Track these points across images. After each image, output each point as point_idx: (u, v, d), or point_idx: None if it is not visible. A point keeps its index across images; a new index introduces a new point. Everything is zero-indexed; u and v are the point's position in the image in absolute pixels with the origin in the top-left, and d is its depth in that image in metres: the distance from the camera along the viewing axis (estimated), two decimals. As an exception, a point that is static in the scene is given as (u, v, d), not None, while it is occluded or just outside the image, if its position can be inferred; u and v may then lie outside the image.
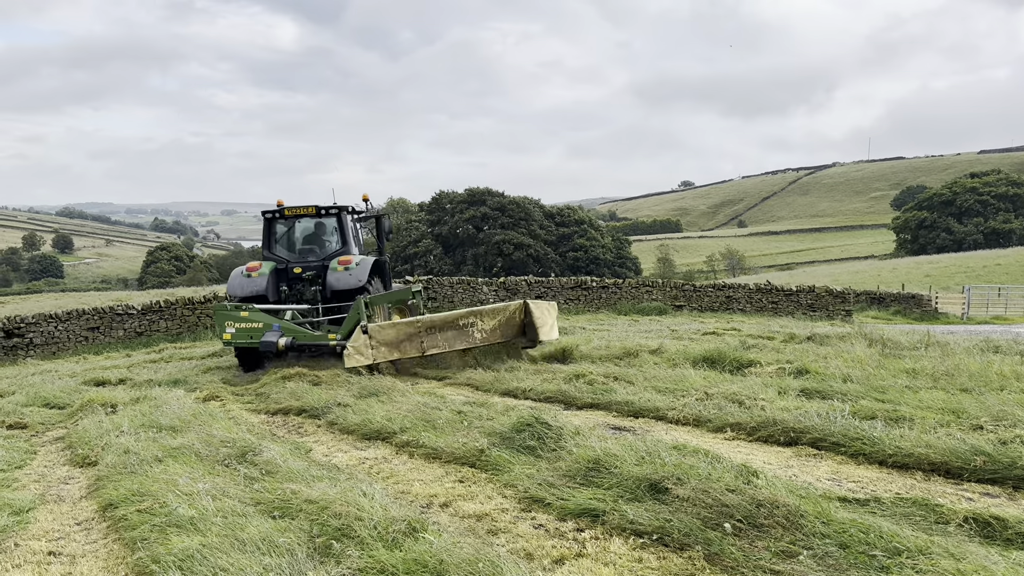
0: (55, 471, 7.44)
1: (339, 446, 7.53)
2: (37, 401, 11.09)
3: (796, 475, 5.57)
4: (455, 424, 7.27)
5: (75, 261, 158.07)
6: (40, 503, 6.22)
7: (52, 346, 20.86)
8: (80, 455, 7.70)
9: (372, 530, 4.29)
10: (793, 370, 8.98)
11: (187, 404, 9.25)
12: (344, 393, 9.40)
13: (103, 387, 11.98)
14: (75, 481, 6.97)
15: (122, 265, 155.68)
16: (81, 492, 6.55)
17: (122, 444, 7.26)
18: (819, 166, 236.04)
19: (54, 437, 9.19)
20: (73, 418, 9.74)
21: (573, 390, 8.91)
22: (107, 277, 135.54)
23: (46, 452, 8.41)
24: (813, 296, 28.55)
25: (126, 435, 7.67)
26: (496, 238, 62.52)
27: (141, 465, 6.45)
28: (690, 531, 4.30)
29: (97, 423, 8.71)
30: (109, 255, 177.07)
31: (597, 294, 27.39)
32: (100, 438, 7.88)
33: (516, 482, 5.58)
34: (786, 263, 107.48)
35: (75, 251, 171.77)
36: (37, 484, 6.91)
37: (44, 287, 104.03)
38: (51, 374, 15.50)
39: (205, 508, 4.98)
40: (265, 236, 14.22)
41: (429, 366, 11.97)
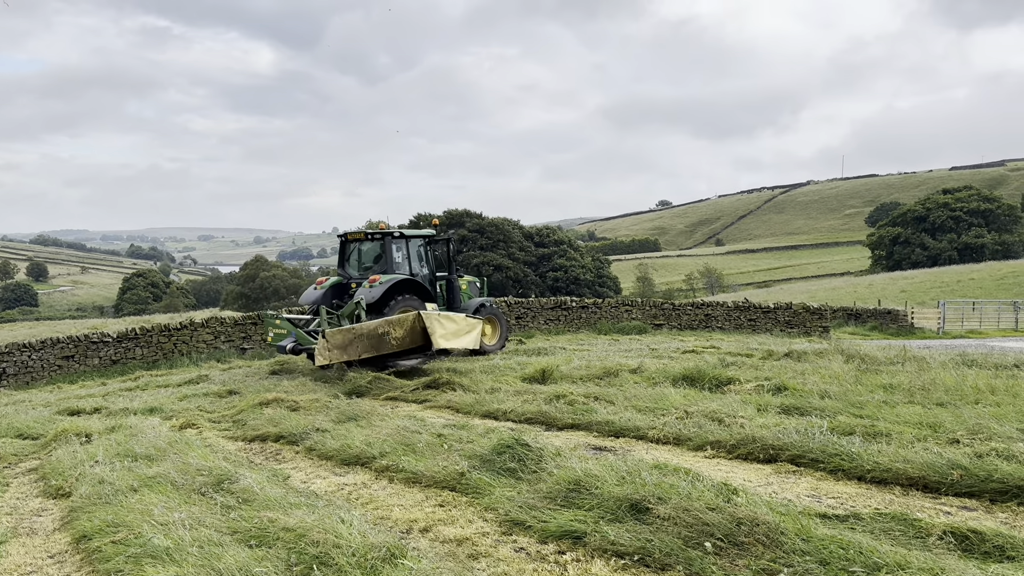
0: (28, 503, 7.29)
1: (318, 472, 7.45)
2: (10, 432, 10.89)
3: (776, 492, 5.58)
4: (435, 447, 7.22)
5: (50, 289, 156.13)
6: (12, 536, 6.10)
7: (26, 375, 20.54)
8: (54, 486, 7.56)
9: (351, 557, 4.24)
10: (772, 387, 9.02)
11: (163, 432, 9.12)
12: (323, 418, 9.32)
13: (78, 416, 11.78)
14: (48, 513, 6.84)
15: (98, 292, 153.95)
16: (54, 524, 6.43)
17: (97, 474, 7.14)
18: (794, 184, 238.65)
19: (27, 468, 9.02)
20: (47, 448, 9.57)
21: (554, 411, 8.90)
22: (83, 305, 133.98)
23: (19, 484, 8.25)
24: (790, 313, 28.76)
25: (101, 465, 7.55)
26: (475, 260, 62.49)
27: (116, 495, 6.34)
28: (671, 551, 4.29)
29: (71, 453, 8.57)
30: (84, 282, 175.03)
31: (577, 314, 27.43)
32: (74, 468, 7.75)
33: (497, 505, 5.54)
34: (763, 280, 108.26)
35: (50, 279, 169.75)
36: (9, 517, 6.78)
37: (18, 316, 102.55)
38: (24, 404, 15.24)
39: (181, 538, 4.90)
40: (339, 255, 16.64)
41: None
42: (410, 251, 16.06)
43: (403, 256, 15.92)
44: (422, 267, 16.41)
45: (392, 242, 15.70)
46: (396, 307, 14.71)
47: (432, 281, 16.53)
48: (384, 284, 14.82)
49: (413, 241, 16.26)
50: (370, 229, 16.32)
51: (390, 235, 15.65)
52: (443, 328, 12.68)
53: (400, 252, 15.90)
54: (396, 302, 14.82)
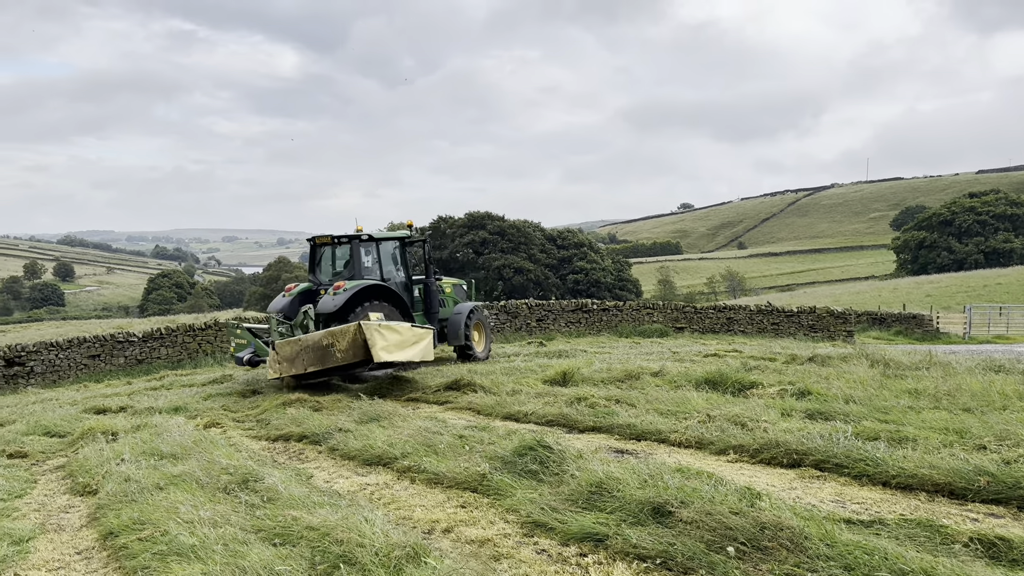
0: (55, 500, 7.40)
1: (340, 472, 7.49)
2: (38, 430, 11.06)
3: (800, 497, 5.54)
4: (457, 449, 7.23)
5: (76, 289, 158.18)
6: (40, 532, 6.20)
7: (53, 374, 20.83)
8: (81, 484, 7.67)
9: (374, 556, 4.26)
10: (795, 391, 8.95)
11: (188, 431, 9.22)
12: (345, 419, 9.38)
13: (104, 415, 11.93)
14: (75, 510, 6.94)
15: (123, 292, 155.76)
16: (81, 521, 6.52)
17: (123, 472, 7.23)
18: (818, 187, 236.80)
19: (55, 466, 9.16)
20: (74, 446, 9.70)
21: (575, 413, 8.88)
22: (108, 305, 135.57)
23: (46, 481, 8.38)
24: (814, 317, 28.53)
25: (127, 463, 7.65)
26: (496, 262, 62.55)
27: (142, 493, 6.43)
28: (694, 555, 4.27)
29: (98, 451, 8.68)
30: (110, 283, 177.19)
31: (598, 316, 27.39)
32: (101, 466, 7.86)
33: (518, 507, 5.55)
34: (787, 284, 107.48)
35: (76, 279, 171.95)
36: (37, 513, 6.88)
37: (45, 315, 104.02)
38: (52, 402, 15.46)
39: (206, 536, 4.95)
40: (310, 260, 15.76)
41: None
42: (381, 255, 15.21)
43: (373, 260, 15.07)
44: (398, 271, 15.61)
45: (361, 246, 14.87)
46: (361, 315, 13.83)
47: (408, 286, 15.67)
48: (348, 291, 13.99)
49: (386, 244, 15.42)
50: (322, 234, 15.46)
51: (358, 238, 14.81)
52: (384, 339, 11.72)
53: (370, 256, 15.05)
54: (363, 308, 14.00)
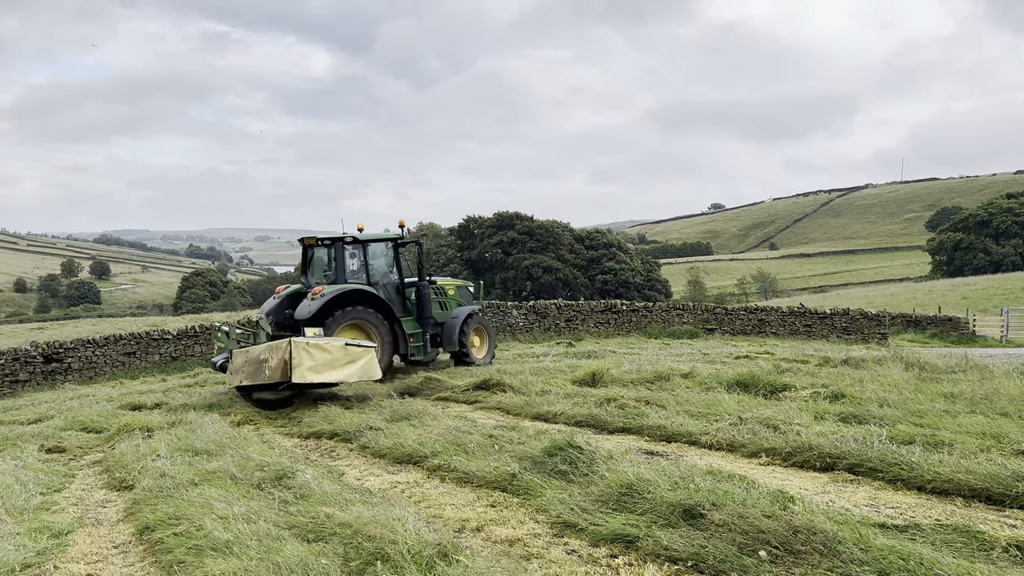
0: (93, 494, 7.55)
1: (371, 470, 7.55)
2: (75, 425, 11.29)
3: (833, 501, 5.48)
4: (486, 448, 7.26)
5: (112, 287, 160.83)
6: (78, 526, 6.32)
7: (89, 371, 21.21)
8: (117, 479, 7.82)
9: (406, 554, 4.29)
10: (828, 394, 8.86)
11: (222, 428, 9.35)
12: (376, 417, 9.45)
13: (139, 411, 12.15)
14: (112, 504, 7.07)
15: (158, 291, 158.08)
16: (118, 515, 6.64)
17: (158, 468, 7.36)
18: (851, 188, 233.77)
19: (92, 461, 9.34)
20: (110, 442, 9.89)
21: (604, 414, 8.86)
22: (143, 303, 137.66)
23: (84, 476, 8.55)
24: (848, 319, 28.19)
25: (162, 459, 7.78)
26: (525, 262, 62.51)
27: (177, 489, 6.53)
28: (726, 558, 4.25)
29: (134, 447, 8.85)
30: (145, 281, 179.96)
31: (627, 317, 27.29)
32: (137, 462, 8.00)
33: (548, 507, 5.55)
34: (819, 286, 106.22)
35: (112, 277, 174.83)
36: (75, 507, 7.03)
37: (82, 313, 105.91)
38: (89, 399, 15.77)
39: (240, 531, 5.02)
40: (302, 263, 15.13)
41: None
42: (368, 257, 14.59)
43: (359, 263, 14.46)
44: (391, 273, 15.04)
45: (344, 248, 14.26)
46: (338, 321, 13.37)
47: (401, 289, 15.02)
48: (325, 296, 13.43)
49: (374, 246, 14.78)
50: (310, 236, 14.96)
51: (341, 240, 14.24)
52: (312, 359, 10.92)
53: (356, 259, 14.46)
54: (343, 313, 13.48)
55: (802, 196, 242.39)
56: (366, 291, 13.92)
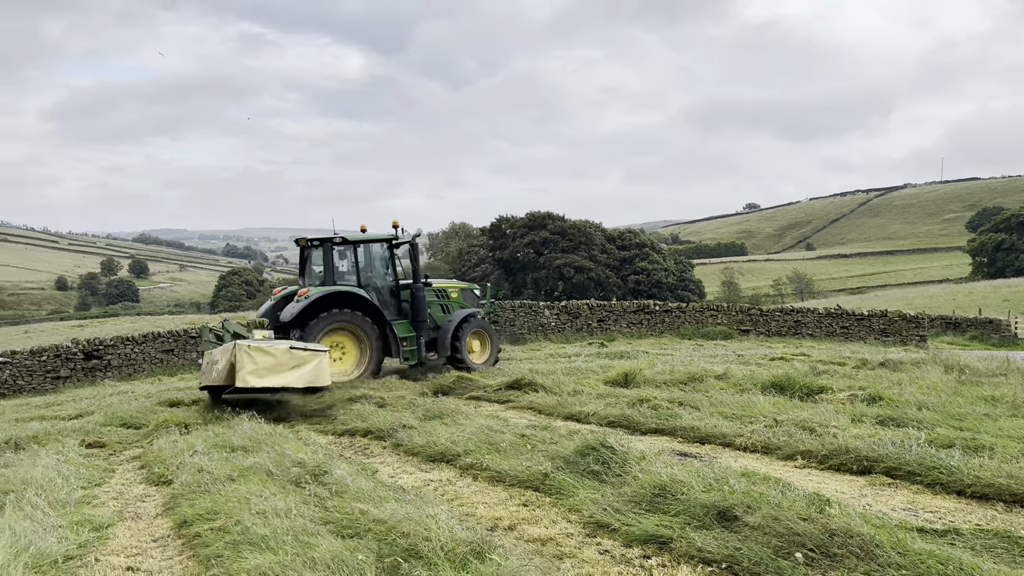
0: (132, 489, 7.69)
1: (404, 467, 7.60)
2: (115, 421, 11.50)
3: (870, 504, 5.41)
4: (518, 447, 7.27)
5: (150, 285, 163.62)
6: (118, 520, 6.45)
7: (129, 368, 21.60)
8: (156, 474, 7.95)
9: (440, 551, 4.32)
10: (866, 397, 8.74)
11: (258, 425, 9.47)
12: (409, 415, 9.51)
13: (177, 408, 12.34)
14: (151, 499, 7.20)
15: (195, 289, 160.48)
16: (157, 510, 6.76)
17: (196, 463, 7.48)
18: (890, 187, 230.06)
19: (131, 456, 9.52)
20: (149, 438, 10.07)
21: (637, 415, 8.83)
22: (181, 301, 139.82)
23: (123, 470, 8.71)
24: (885, 321, 27.75)
25: (200, 455, 7.90)
26: (557, 262, 62.46)
27: (214, 484, 6.63)
28: (760, 560, 4.22)
29: (172, 443, 9.00)
30: (183, 280, 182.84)
31: (660, 318, 27.14)
32: (175, 457, 8.13)
33: (581, 507, 5.55)
34: (857, 287, 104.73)
35: (150, 276, 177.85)
36: (115, 501, 7.16)
37: (121, 311, 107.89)
38: (128, 395, 16.05)
39: (277, 527, 5.09)
40: (300, 264, 14.88)
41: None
42: (359, 258, 14.21)
43: (350, 264, 14.16)
44: (386, 275, 14.66)
45: (333, 249, 13.96)
46: (321, 324, 13.11)
47: (396, 291, 14.63)
48: (309, 298, 13.18)
49: (365, 247, 14.41)
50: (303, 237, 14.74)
51: (330, 242, 13.96)
52: (254, 363, 10.58)
53: (346, 260, 14.19)
54: (327, 316, 13.20)
55: (839, 196, 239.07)
56: (353, 293, 13.59)
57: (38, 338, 50.18)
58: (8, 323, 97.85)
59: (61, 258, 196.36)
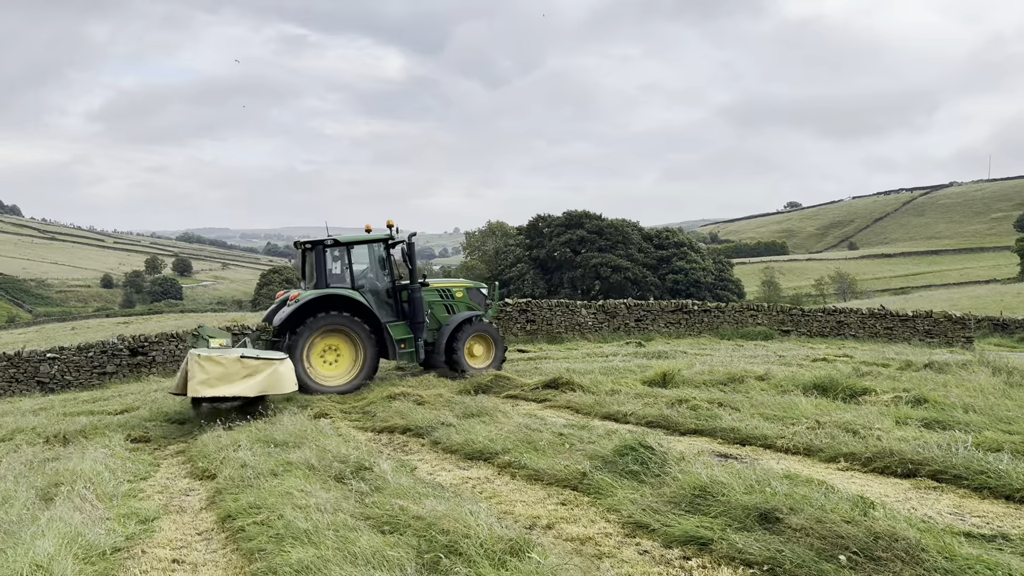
0: (177, 483, 7.84)
1: (443, 465, 7.65)
2: (160, 416, 11.74)
3: (915, 508, 5.32)
4: (556, 446, 7.27)
5: (193, 283, 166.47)
6: (164, 513, 6.58)
7: (173, 364, 21.96)
8: (200, 468, 8.10)
9: (479, 548, 4.34)
10: (910, 399, 8.59)
11: (299, 421, 9.58)
12: (448, 413, 9.55)
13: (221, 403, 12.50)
14: (195, 493, 7.33)
15: (237, 287, 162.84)
16: (201, 503, 6.89)
17: (239, 458, 7.60)
18: (935, 186, 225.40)
19: (175, 450, 9.70)
20: (193, 432, 10.24)
21: (676, 415, 8.77)
22: (223, 299, 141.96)
23: (168, 465, 8.89)
24: (930, 322, 27.19)
25: (243, 450, 8.02)
26: (593, 261, 62.25)
27: (257, 479, 6.73)
28: (803, 562, 4.17)
29: (215, 437, 9.15)
30: (225, 278, 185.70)
31: (699, 318, 26.89)
32: (218, 452, 8.27)
33: (619, 507, 5.53)
34: (901, 287, 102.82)
35: (193, 274, 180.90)
36: (160, 495, 7.31)
37: (165, 308, 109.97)
38: (172, 391, 16.32)
39: (319, 521, 5.16)
40: (300, 266, 14.66)
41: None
42: (352, 260, 13.99)
43: (343, 266, 13.89)
44: (384, 276, 14.41)
45: (325, 251, 13.69)
46: (311, 327, 12.96)
47: (393, 292, 14.32)
48: (299, 302, 13.09)
49: (360, 248, 14.19)
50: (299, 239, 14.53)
51: (321, 244, 13.68)
52: (204, 372, 10.55)
53: (339, 262, 13.91)
54: (317, 319, 13.03)
55: (883, 195, 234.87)
56: (345, 295, 13.40)
57: (85, 334, 51.38)
58: (56, 320, 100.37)
59: (107, 256, 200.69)
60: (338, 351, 13.45)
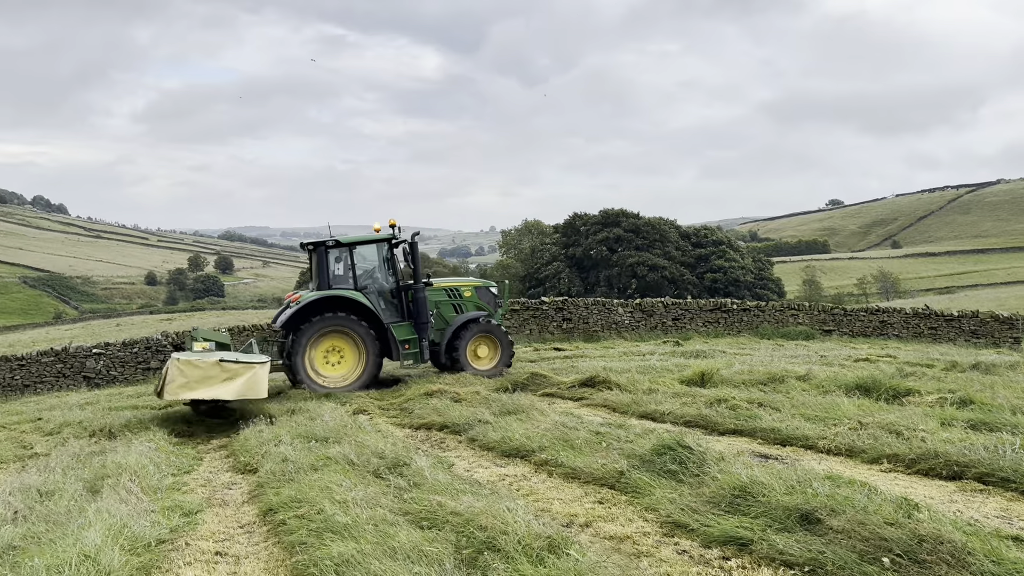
0: (219, 477, 7.98)
1: (480, 462, 7.67)
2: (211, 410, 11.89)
3: (961, 511, 5.22)
4: (593, 445, 7.25)
5: (235, 281, 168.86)
6: (207, 506, 6.70)
7: (215, 360, 22.30)
8: (242, 462, 8.23)
9: (516, 545, 4.35)
10: (956, 400, 8.42)
11: (339, 416, 9.68)
12: (484, 411, 9.57)
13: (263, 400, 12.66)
14: (237, 487, 7.45)
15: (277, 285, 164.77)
16: (243, 497, 7.00)
17: (280, 453, 7.70)
18: (982, 183, 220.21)
19: (218, 445, 9.87)
20: (235, 427, 10.41)
21: (715, 415, 8.70)
22: (263, 296, 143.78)
23: (211, 459, 9.05)
24: (977, 322, 26.60)
25: (284, 444, 8.13)
26: (630, 260, 61.87)
27: (298, 473, 6.82)
28: (845, 564, 4.11)
29: (257, 432, 9.28)
30: (266, 275, 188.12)
31: (738, 317, 26.62)
32: (260, 447, 8.40)
33: (657, 506, 5.51)
34: (946, 287, 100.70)
35: (235, 272, 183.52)
36: (204, 488, 7.45)
37: (207, 305, 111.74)
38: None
39: (358, 516, 5.21)
40: (309, 267, 14.70)
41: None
42: (355, 261, 13.96)
43: (345, 267, 13.93)
44: (388, 277, 14.27)
45: (327, 252, 13.72)
46: (313, 328, 13.09)
47: (397, 292, 14.18)
48: (300, 303, 13.25)
49: (362, 249, 14.16)
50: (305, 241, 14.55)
51: (323, 245, 13.71)
52: (183, 376, 10.64)
53: (341, 263, 13.96)
54: (319, 320, 13.15)
55: (927, 192, 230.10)
56: (346, 296, 13.42)
57: (129, 331, 52.41)
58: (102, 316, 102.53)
59: (151, 254, 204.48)
60: (341, 352, 13.49)
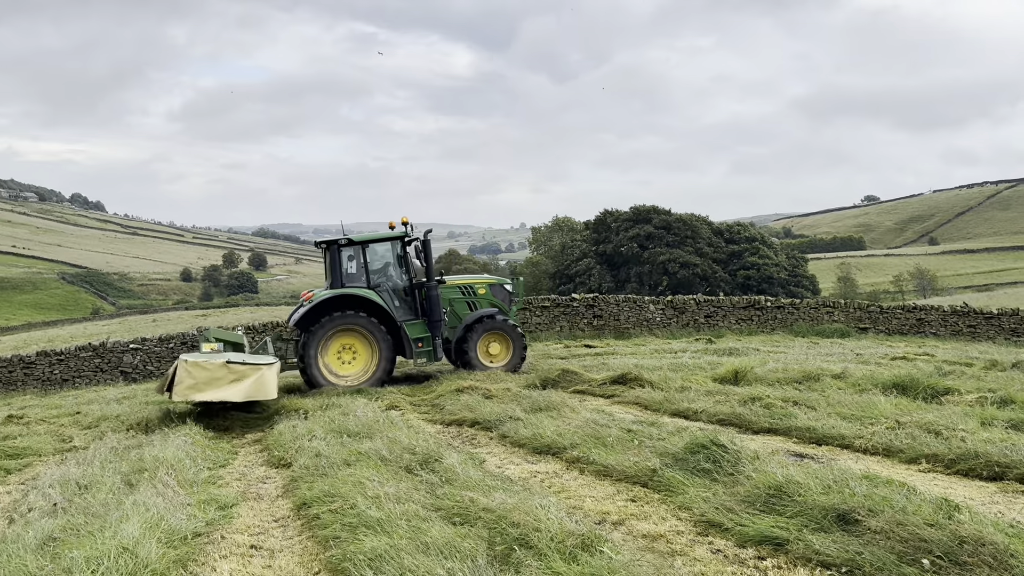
0: (254, 471, 8.06)
1: (511, 459, 7.67)
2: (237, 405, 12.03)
3: (1003, 512, 5.11)
4: (625, 442, 7.21)
5: (268, 277, 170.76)
6: (242, 500, 6.77)
7: (249, 355, 22.57)
8: (276, 457, 8.31)
9: (549, 541, 4.34)
10: (996, 400, 8.26)
11: (371, 412, 9.73)
12: (515, 407, 9.56)
13: (294, 394, 12.80)
14: (272, 481, 7.52)
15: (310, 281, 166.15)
16: (277, 491, 7.06)
17: (314, 448, 7.76)
18: (1021, 179, 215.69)
19: (252, 439, 9.98)
20: (269, 422, 10.51)
21: (749, 413, 8.61)
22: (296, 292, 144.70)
23: (245, 453, 9.14)
24: (1017, 320, 26.05)
25: (317, 439, 8.20)
26: (661, 257, 61.50)
27: (331, 468, 6.87)
28: (883, 565, 4.04)
29: (291, 427, 9.37)
30: (298, 272, 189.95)
31: (772, 314, 26.33)
32: (294, 442, 8.47)
33: (691, 504, 5.46)
34: (984, 284, 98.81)
35: (268, 268, 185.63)
36: (239, 482, 7.53)
37: (241, 301, 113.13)
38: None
39: (391, 511, 5.23)
40: (324, 266, 14.64)
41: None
42: (368, 259, 13.97)
43: (359, 265, 13.89)
44: (401, 275, 14.24)
45: (340, 251, 13.76)
46: (325, 327, 13.14)
47: (410, 290, 14.12)
48: (313, 302, 13.35)
49: (375, 247, 14.17)
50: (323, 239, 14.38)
51: (336, 243, 13.77)
52: (192, 377, 10.70)
53: (354, 261, 13.93)
54: (331, 319, 13.18)
55: (965, 188, 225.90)
56: (358, 295, 13.43)
57: (165, 326, 53.23)
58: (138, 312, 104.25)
59: (186, 251, 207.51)
60: (354, 350, 13.54)
